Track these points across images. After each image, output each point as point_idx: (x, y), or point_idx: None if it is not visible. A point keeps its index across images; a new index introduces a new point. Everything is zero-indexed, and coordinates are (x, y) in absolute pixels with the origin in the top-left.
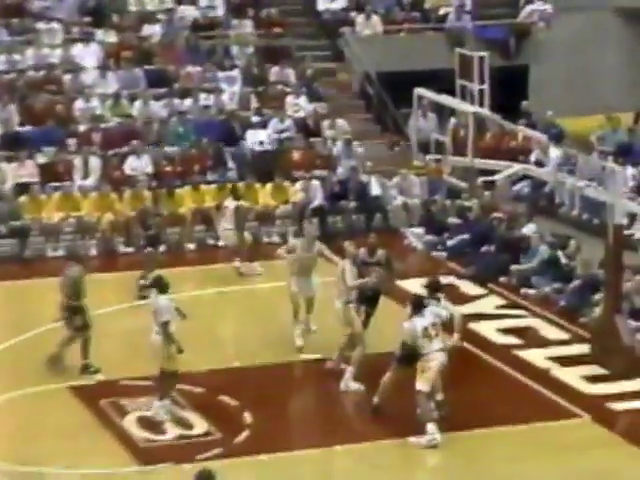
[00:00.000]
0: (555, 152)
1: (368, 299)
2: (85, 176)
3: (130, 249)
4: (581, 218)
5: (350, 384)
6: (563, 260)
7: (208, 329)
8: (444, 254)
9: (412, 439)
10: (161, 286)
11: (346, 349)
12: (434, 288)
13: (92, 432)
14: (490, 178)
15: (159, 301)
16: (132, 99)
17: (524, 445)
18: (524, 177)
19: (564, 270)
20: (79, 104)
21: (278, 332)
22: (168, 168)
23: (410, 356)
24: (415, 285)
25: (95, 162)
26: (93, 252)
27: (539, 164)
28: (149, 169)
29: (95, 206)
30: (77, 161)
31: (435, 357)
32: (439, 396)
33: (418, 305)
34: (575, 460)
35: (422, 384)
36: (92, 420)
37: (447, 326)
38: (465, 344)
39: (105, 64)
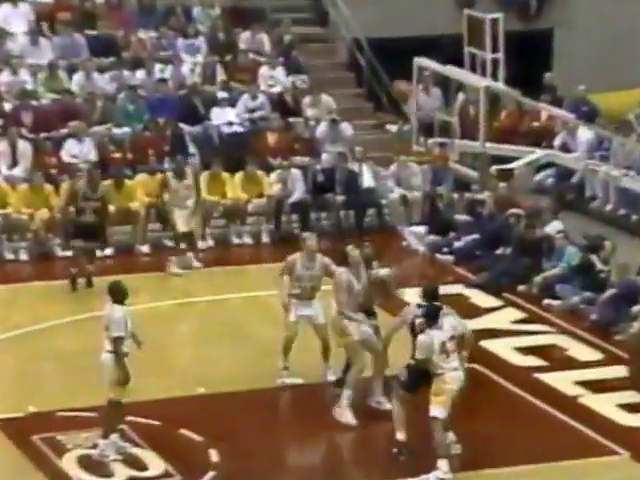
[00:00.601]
0: (585, 134)
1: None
2: (13, 164)
3: (69, 252)
4: (617, 214)
5: (343, 413)
6: (596, 265)
7: (166, 349)
8: (450, 258)
9: None
10: (117, 294)
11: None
12: (431, 297)
13: (23, 475)
14: (506, 166)
15: (114, 312)
16: (71, 71)
17: None
18: (548, 165)
19: (596, 277)
20: (5, 77)
21: (251, 352)
22: (116, 154)
23: (419, 379)
24: (415, 295)
25: (25, 147)
26: (24, 256)
27: (566, 149)
28: (92, 155)
29: (25, 201)
30: (3, 146)
31: (452, 378)
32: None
33: (435, 315)
34: None
35: (437, 410)
36: (23, 460)
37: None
38: (477, 366)
39: (37, 29)
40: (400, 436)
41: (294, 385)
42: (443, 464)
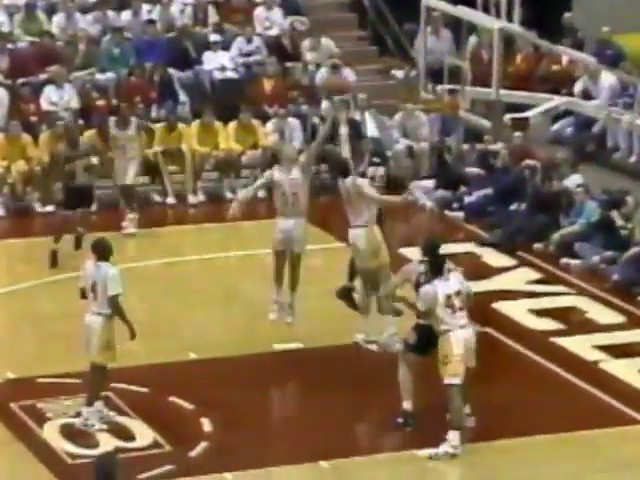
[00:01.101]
0: (608, 80)
1: None
2: None
3: (49, 208)
4: None
5: (390, 342)
6: (618, 221)
7: (154, 311)
8: (460, 214)
9: (423, 451)
10: (103, 251)
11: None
12: (432, 252)
13: (2, 446)
14: (522, 115)
15: (106, 270)
16: (51, 11)
17: (566, 460)
18: (566, 113)
19: (618, 234)
20: None
21: (244, 315)
22: (100, 102)
23: (429, 339)
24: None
25: (1, 94)
26: (0, 212)
27: (587, 96)
28: (74, 103)
29: (1, 152)
30: None
31: (458, 339)
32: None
33: (439, 266)
34: None
35: (450, 376)
36: (1, 429)
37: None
38: (490, 330)
39: None
40: (406, 405)
41: (290, 350)
42: (454, 436)
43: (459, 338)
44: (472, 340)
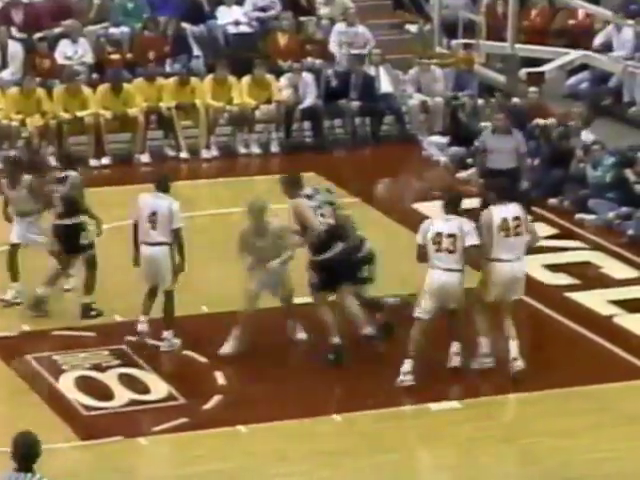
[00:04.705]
0: (627, 34)
1: None
2: (2, 66)
3: None
4: None
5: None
6: (631, 178)
7: None
8: (474, 169)
9: (435, 405)
10: (163, 180)
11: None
12: (454, 206)
13: (17, 395)
14: (537, 69)
15: (170, 203)
16: None
17: (582, 413)
18: (583, 67)
19: (633, 191)
20: None
21: None
22: (114, 56)
23: (328, 270)
24: (435, 209)
25: (16, 48)
26: None
27: (605, 50)
28: (88, 57)
29: (17, 106)
30: None
31: (435, 277)
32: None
33: (454, 202)
34: None
35: (416, 309)
36: (17, 380)
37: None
38: None
39: None
40: (335, 340)
41: (304, 303)
42: (407, 364)
43: (433, 278)
44: (452, 284)
